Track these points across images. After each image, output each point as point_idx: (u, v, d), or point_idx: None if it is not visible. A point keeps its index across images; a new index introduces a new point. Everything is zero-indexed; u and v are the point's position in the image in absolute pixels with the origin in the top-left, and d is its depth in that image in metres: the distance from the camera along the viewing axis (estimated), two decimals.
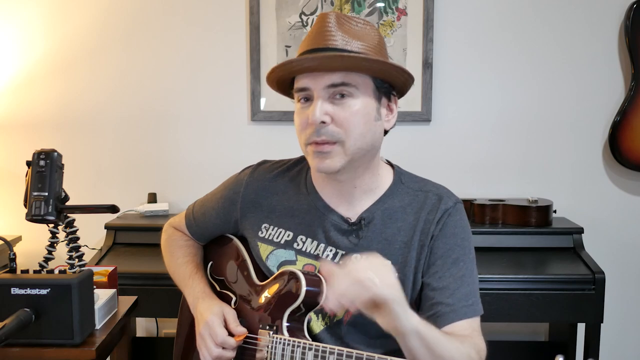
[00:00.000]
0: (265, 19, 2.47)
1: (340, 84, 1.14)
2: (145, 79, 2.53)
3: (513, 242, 2.24)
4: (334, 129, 1.14)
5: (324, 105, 1.14)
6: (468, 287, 1.17)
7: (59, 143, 2.48)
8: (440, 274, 1.18)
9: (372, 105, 1.18)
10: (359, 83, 1.16)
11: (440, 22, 2.47)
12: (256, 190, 1.34)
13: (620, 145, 2.42)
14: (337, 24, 1.16)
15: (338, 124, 1.14)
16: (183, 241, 1.47)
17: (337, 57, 1.12)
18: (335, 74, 1.14)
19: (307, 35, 1.20)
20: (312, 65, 1.13)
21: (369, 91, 1.17)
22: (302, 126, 1.18)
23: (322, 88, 1.14)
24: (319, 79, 1.14)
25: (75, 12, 2.50)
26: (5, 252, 2.29)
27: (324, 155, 1.16)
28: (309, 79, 1.15)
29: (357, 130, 1.15)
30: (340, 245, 1.23)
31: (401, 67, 1.18)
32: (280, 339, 1.16)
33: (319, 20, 1.18)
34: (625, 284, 2.54)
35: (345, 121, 1.14)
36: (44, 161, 1.24)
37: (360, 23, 1.19)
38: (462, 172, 2.52)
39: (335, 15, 1.17)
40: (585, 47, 2.47)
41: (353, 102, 1.15)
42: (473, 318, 1.16)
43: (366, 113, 1.17)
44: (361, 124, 1.16)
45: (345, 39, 1.15)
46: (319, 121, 1.13)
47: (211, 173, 2.31)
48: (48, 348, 1.22)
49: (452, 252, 1.19)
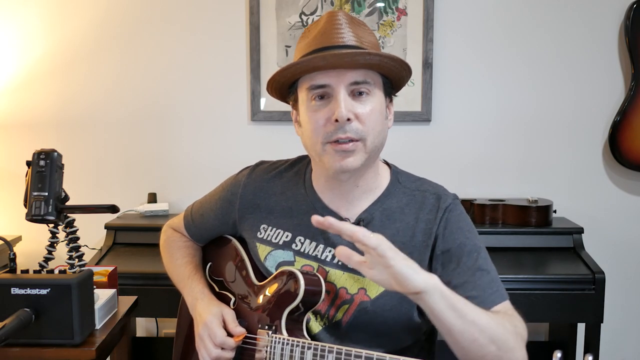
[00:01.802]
0: (265, 19, 2.47)
1: (362, 81, 1.15)
2: (145, 79, 2.53)
3: (513, 242, 2.24)
4: (358, 126, 1.14)
5: (347, 101, 1.14)
6: (488, 276, 1.16)
7: (59, 143, 2.48)
8: (458, 270, 1.16)
9: (383, 104, 1.20)
10: (376, 81, 1.17)
11: (440, 22, 2.47)
12: (254, 191, 1.34)
13: (620, 145, 2.42)
14: (348, 23, 1.18)
15: (361, 121, 1.15)
16: (182, 242, 1.47)
17: (363, 54, 1.13)
18: (358, 71, 1.14)
19: (312, 34, 1.18)
20: (336, 62, 1.13)
21: (380, 89, 1.19)
22: (318, 123, 1.16)
23: (345, 85, 1.14)
24: (342, 76, 1.14)
25: (75, 12, 2.50)
26: (5, 252, 2.29)
27: (346, 154, 1.15)
28: (330, 76, 1.15)
29: (377, 127, 1.17)
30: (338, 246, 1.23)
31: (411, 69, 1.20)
32: (279, 339, 1.16)
33: (328, 18, 1.18)
34: (625, 284, 2.53)
35: (367, 119, 1.15)
36: (44, 161, 1.24)
37: (361, 24, 1.21)
38: (462, 172, 2.52)
39: (344, 14, 1.19)
40: (585, 47, 2.47)
41: (371, 99, 1.16)
42: (502, 303, 1.14)
43: (381, 111, 1.18)
44: (379, 122, 1.17)
45: (357, 37, 1.16)
46: (346, 118, 1.13)
47: (211, 173, 2.31)
48: (48, 348, 1.22)
49: (463, 246, 1.18)
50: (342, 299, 1.21)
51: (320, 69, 1.15)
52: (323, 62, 1.13)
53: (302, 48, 1.19)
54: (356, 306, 1.20)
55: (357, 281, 1.21)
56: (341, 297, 1.21)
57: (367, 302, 1.20)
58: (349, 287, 1.21)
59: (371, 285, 1.20)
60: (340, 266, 1.23)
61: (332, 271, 1.23)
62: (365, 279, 1.20)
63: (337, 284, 1.22)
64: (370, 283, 1.20)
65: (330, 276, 1.23)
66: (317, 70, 1.15)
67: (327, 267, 1.23)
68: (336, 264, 1.23)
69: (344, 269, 1.22)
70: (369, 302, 1.19)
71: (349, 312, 1.21)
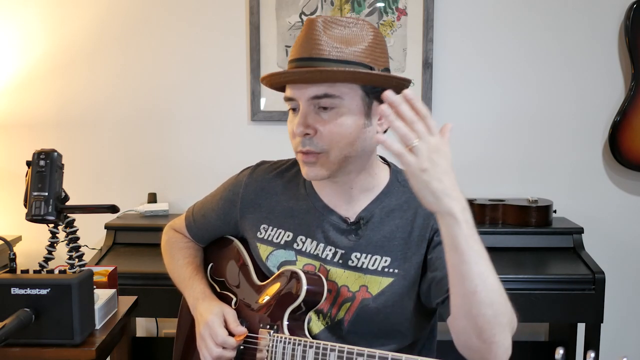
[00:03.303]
0: (265, 19, 2.47)
1: (323, 95, 1.13)
2: (145, 79, 2.53)
3: (513, 242, 2.24)
4: (317, 141, 1.15)
5: (308, 117, 1.15)
6: None
7: (59, 143, 2.46)
8: None
9: (358, 114, 1.16)
10: (345, 92, 1.14)
11: (440, 22, 2.47)
12: (255, 191, 1.34)
13: (620, 145, 2.42)
14: (324, 30, 1.14)
15: (320, 136, 1.15)
16: (183, 243, 1.47)
17: (316, 72, 1.11)
18: (319, 86, 1.13)
19: (296, 41, 1.19)
20: (295, 79, 1.14)
21: (356, 100, 1.15)
22: (291, 135, 1.20)
23: (306, 99, 1.15)
24: (303, 90, 1.15)
25: (75, 12, 2.50)
26: (5, 252, 2.29)
27: (309, 165, 1.17)
28: (295, 90, 1.16)
29: (343, 141, 1.15)
30: (339, 244, 1.23)
31: (385, 75, 1.16)
32: (280, 338, 1.16)
33: (306, 26, 1.17)
34: (625, 284, 2.54)
35: (329, 134, 1.15)
36: (44, 161, 1.24)
37: (350, 25, 1.15)
38: (462, 172, 2.48)
39: (323, 21, 1.15)
40: (585, 47, 2.47)
41: (337, 113, 1.14)
42: None
43: (351, 123, 1.15)
44: (345, 135, 1.15)
45: (331, 45, 1.13)
46: (302, 134, 1.15)
47: (211, 173, 2.31)
48: (48, 348, 1.22)
49: None
50: (343, 297, 1.21)
51: (288, 82, 1.17)
52: (283, 78, 1.16)
53: (290, 53, 1.20)
54: (358, 304, 1.20)
55: (358, 279, 1.21)
56: (343, 295, 1.22)
57: (368, 300, 1.20)
58: (350, 285, 1.21)
59: (372, 282, 1.20)
60: (341, 264, 1.23)
61: (333, 269, 1.23)
62: (366, 276, 1.20)
63: (338, 282, 1.22)
64: (371, 280, 1.20)
65: (332, 274, 1.23)
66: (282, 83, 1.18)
67: (328, 266, 1.24)
68: (337, 262, 1.23)
69: (345, 267, 1.22)
70: (371, 299, 1.19)
71: (351, 310, 1.21)
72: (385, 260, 1.20)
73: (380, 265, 1.20)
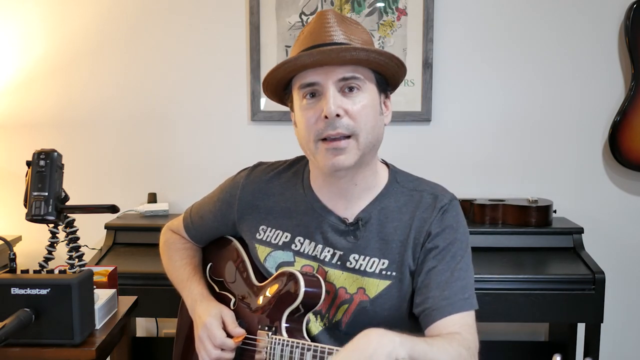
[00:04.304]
0: (265, 19, 2.47)
1: (351, 77, 1.15)
2: (146, 79, 2.53)
3: (513, 242, 2.24)
4: (349, 122, 1.14)
5: (337, 98, 1.14)
6: (464, 281, 1.17)
7: (59, 143, 2.48)
8: (438, 268, 1.17)
9: (377, 99, 1.20)
10: (366, 76, 1.17)
11: (440, 22, 2.47)
12: (253, 192, 1.34)
13: (620, 145, 2.42)
14: (338, 22, 1.18)
15: (351, 117, 1.14)
16: (181, 244, 1.47)
17: (349, 49, 1.12)
18: (346, 67, 1.14)
19: (304, 34, 1.20)
20: (322, 59, 1.13)
21: (373, 85, 1.19)
22: (310, 121, 1.16)
23: (333, 82, 1.14)
24: (330, 72, 1.14)
25: (75, 12, 2.50)
26: (5, 252, 2.30)
27: (337, 152, 1.15)
28: (318, 74, 1.15)
29: (369, 123, 1.16)
30: (338, 245, 1.23)
31: (403, 62, 1.20)
32: (279, 340, 1.16)
33: (318, 17, 1.19)
34: (625, 284, 2.53)
35: (358, 114, 1.15)
36: (44, 161, 1.24)
37: (354, 23, 1.21)
38: (462, 172, 2.52)
39: (334, 13, 1.19)
40: (586, 47, 2.47)
41: (362, 95, 1.16)
42: (468, 312, 1.15)
43: (374, 106, 1.18)
44: (371, 117, 1.17)
45: (346, 34, 1.16)
46: (335, 114, 1.13)
47: (211, 173, 2.31)
48: (48, 348, 1.22)
49: (450, 246, 1.19)
50: (341, 298, 1.22)
51: (309, 66, 1.15)
52: (310, 59, 1.13)
53: (295, 48, 1.20)
54: (356, 306, 1.20)
55: (356, 281, 1.21)
56: (340, 297, 1.22)
57: (366, 302, 1.20)
58: (348, 286, 1.22)
59: (370, 284, 1.20)
60: (339, 266, 1.23)
61: (331, 271, 1.23)
62: (364, 278, 1.20)
63: (336, 284, 1.22)
64: (369, 282, 1.20)
65: (330, 276, 1.23)
66: (306, 68, 1.16)
67: (327, 267, 1.24)
68: (335, 263, 1.23)
69: (343, 269, 1.22)
70: (368, 301, 1.20)
71: (349, 311, 1.21)
72: (383, 263, 1.21)
73: (378, 268, 1.21)
